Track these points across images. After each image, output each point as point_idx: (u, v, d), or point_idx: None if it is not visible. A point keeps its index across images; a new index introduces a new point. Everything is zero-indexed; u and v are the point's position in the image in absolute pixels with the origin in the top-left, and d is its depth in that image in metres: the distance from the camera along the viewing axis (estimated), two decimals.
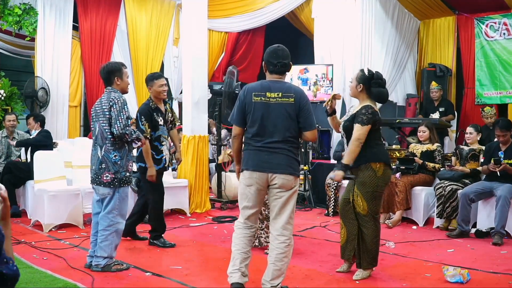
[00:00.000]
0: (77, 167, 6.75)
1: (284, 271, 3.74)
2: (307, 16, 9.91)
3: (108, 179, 4.42)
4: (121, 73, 4.57)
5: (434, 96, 8.80)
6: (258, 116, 3.70)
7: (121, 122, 4.36)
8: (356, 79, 4.37)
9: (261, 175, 3.70)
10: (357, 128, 4.18)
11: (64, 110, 9.42)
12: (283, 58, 3.75)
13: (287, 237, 3.72)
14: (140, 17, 10.24)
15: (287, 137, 3.69)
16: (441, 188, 6.42)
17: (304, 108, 3.69)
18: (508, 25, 8.90)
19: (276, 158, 3.67)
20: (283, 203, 3.71)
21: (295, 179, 3.72)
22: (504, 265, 4.77)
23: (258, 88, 3.74)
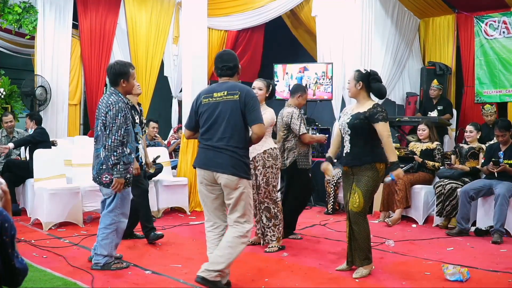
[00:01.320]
0: (77, 165, 6.75)
1: (226, 262, 3.73)
2: (306, 14, 9.89)
3: (107, 181, 4.42)
4: (128, 75, 4.50)
5: (433, 94, 8.79)
6: (206, 116, 3.86)
7: (112, 137, 4.30)
8: (354, 79, 4.43)
9: (208, 173, 3.82)
10: (383, 125, 4.26)
11: (64, 108, 9.41)
12: (228, 62, 3.94)
13: (236, 229, 3.80)
14: (140, 15, 10.23)
15: (233, 137, 3.76)
16: (440, 187, 6.42)
17: (249, 104, 3.77)
18: (508, 23, 8.90)
19: (220, 157, 3.76)
20: (233, 204, 3.81)
21: (240, 180, 3.75)
22: (503, 264, 4.78)
23: (207, 91, 3.97)
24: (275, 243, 5.25)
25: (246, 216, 3.84)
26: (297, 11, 10.22)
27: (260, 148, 5.17)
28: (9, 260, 1.96)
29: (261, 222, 5.34)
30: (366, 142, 4.31)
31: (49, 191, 6.10)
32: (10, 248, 1.96)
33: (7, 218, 1.95)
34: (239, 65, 4.02)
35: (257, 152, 5.18)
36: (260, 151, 5.18)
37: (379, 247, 5.43)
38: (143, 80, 10.01)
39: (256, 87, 5.29)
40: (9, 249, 1.95)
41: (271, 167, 5.20)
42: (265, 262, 4.85)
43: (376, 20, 8.99)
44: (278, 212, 5.27)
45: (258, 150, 5.18)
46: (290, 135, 5.71)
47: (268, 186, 5.19)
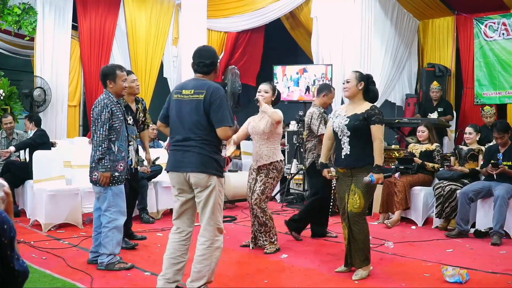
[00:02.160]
0: (76, 166, 6.75)
1: (206, 274, 3.62)
2: (306, 16, 9.90)
3: (96, 178, 4.50)
4: (115, 76, 4.61)
5: (434, 95, 8.80)
6: (173, 114, 3.73)
7: (96, 133, 4.45)
8: (356, 78, 4.44)
9: (178, 175, 3.67)
10: (378, 128, 4.29)
11: (63, 109, 9.42)
12: (205, 58, 3.76)
13: (206, 238, 3.63)
14: (140, 16, 10.23)
15: (199, 135, 3.60)
16: (440, 188, 6.42)
17: (214, 104, 3.57)
18: (507, 25, 8.91)
19: (188, 156, 3.61)
20: (203, 204, 3.64)
21: (209, 177, 3.58)
22: (503, 265, 4.78)
23: (179, 87, 3.82)
24: (269, 245, 5.25)
25: (215, 219, 3.64)
26: (296, 13, 10.23)
27: (267, 159, 5.20)
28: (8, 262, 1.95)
29: (255, 225, 5.35)
30: (367, 143, 4.32)
31: (48, 192, 6.10)
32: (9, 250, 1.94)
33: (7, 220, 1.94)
34: (218, 64, 3.84)
35: (264, 162, 5.21)
36: (267, 161, 5.21)
37: (378, 248, 5.42)
38: (143, 81, 10.01)
39: (262, 90, 5.31)
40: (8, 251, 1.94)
41: (272, 179, 5.24)
42: (265, 263, 4.85)
43: (376, 21, 9.01)
44: (267, 221, 5.27)
45: (265, 160, 5.21)
46: (310, 136, 5.76)
47: (262, 195, 5.20)
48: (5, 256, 1.92)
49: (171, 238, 3.78)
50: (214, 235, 3.64)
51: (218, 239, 3.67)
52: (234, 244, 5.52)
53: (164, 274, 3.72)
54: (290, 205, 8.18)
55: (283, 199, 8.42)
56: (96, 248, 4.65)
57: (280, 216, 6.82)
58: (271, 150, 5.22)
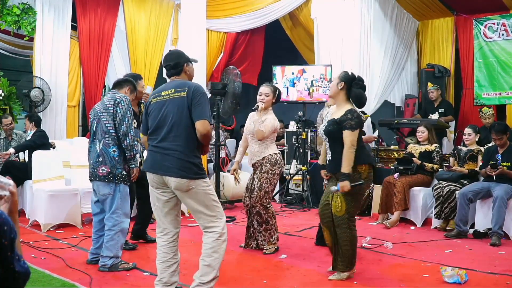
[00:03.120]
0: (76, 167, 6.75)
1: (216, 268, 3.59)
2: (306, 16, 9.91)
3: (104, 173, 4.46)
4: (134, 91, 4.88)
5: (432, 96, 8.81)
6: (154, 115, 3.69)
7: (126, 128, 4.52)
8: (338, 77, 4.38)
9: (158, 177, 3.63)
10: (348, 135, 4.16)
11: (63, 110, 9.40)
12: (169, 61, 3.78)
13: (215, 231, 3.61)
14: (139, 17, 10.22)
15: (178, 135, 3.55)
16: (439, 189, 6.43)
17: (195, 100, 3.55)
18: (507, 26, 8.91)
19: (167, 160, 3.56)
20: (191, 205, 3.61)
21: (190, 181, 3.54)
22: (502, 266, 4.78)
23: (156, 91, 3.81)
24: (268, 245, 5.25)
25: (213, 215, 3.62)
26: (296, 14, 10.23)
27: (260, 155, 5.20)
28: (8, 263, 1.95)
29: (252, 226, 5.34)
30: None
31: (47, 192, 6.10)
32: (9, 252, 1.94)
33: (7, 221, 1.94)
34: (185, 64, 3.78)
35: (256, 159, 5.21)
36: (259, 157, 5.20)
37: (377, 249, 5.43)
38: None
39: (263, 94, 5.29)
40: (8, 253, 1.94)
41: (266, 172, 5.20)
42: (263, 264, 4.85)
43: (375, 22, 9.01)
44: (269, 218, 5.26)
45: (258, 157, 5.21)
46: None
47: (260, 191, 5.19)
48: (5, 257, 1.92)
49: (159, 242, 3.75)
50: (222, 228, 3.63)
51: (225, 231, 3.66)
52: (233, 245, 5.52)
53: (160, 279, 3.71)
54: (289, 205, 8.19)
55: (282, 199, 8.43)
56: (97, 250, 4.64)
57: (279, 217, 6.81)
58: (263, 147, 5.20)
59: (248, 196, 5.31)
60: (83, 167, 6.36)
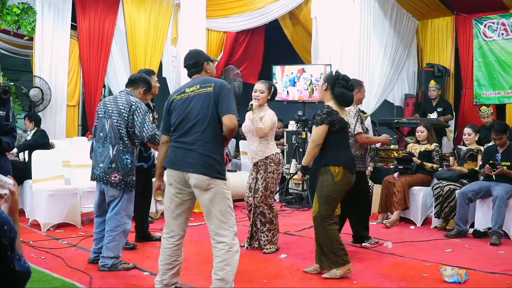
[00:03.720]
0: (75, 166, 6.75)
1: (230, 281, 3.42)
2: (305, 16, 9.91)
3: (116, 180, 4.44)
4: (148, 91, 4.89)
5: (432, 94, 8.81)
6: (178, 112, 3.61)
7: (149, 125, 4.46)
8: (322, 79, 4.45)
9: (178, 174, 3.54)
10: (314, 130, 4.27)
11: (62, 109, 9.41)
12: (189, 60, 3.76)
13: (225, 243, 3.44)
14: (139, 16, 10.23)
15: (205, 131, 3.48)
16: (439, 188, 6.43)
17: (222, 95, 3.50)
18: (507, 25, 8.91)
19: (190, 156, 3.48)
20: (207, 206, 3.48)
21: (211, 180, 3.43)
22: (502, 265, 4.78)
23: (178, 89, 3.77)
24: (269, 245, 5.25)
25: (227, 223, 3.48)
26: (296, 13, 10.23)
27: (262, 154, 5.18)
28: (8, 263, 1.95)
29: (255, 225, 5.33)
30: (325, 144, 4.26)
31: (47, 192, 6.10)
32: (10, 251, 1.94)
33: (7, 221, 1.94)
34: (205, 63, 3.74)
35: (259, 158, 5.19)
36: (262, 157, 5.19)
37: (377, 248, 5.43)
38: None
39: (258, 91, 5.26)
40: (8, 252, 1.94)
41: (272, 172, 5.20)
42: (263, 263, 4.85)
43: (375, 21, 9.01)
44: (273, 218, 5.26)
45: (260, 156, 5.19)
46: None
47: (266, 191, 5.19)
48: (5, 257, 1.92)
49: (164, 244, 3.70)
50: (232, 239, 3.47)
51: (236, 242, 3.49)
52: None
53: (161, 280, 3.67)
54: (289, 205, 8.19)
55: (282, 199, 8.44)
56: (99, 250, 4.62)
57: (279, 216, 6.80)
58: (264, 145, 5.19)
59: (252, 196, 5.28)
60: (83, 167, 6.36)
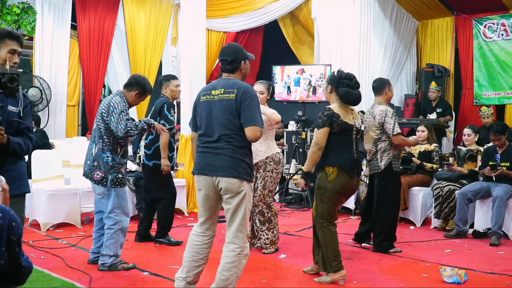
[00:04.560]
0: (75, 166, 6.74)
1: (233, 283, 3.42)
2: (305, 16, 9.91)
3: (98, 177, 4.47)
4: (143, 94, 4.75)
5: (432, 96, 8.82)
6: (203, 115, 3.56)
7: (121, 124, 4.39)
8: (326, 81, 4.37)
9: (207, 179, 3.48)
10: (315, 132, 4.24)
11: (62, 109, 9.42)
12: (227, 56, 3.59)
13: (237, 245, 3.43)
14: (139, 16, 10.24)
15: (230, 135, 3.41)
16: (438, 189, 6.43)
17: (245, 103, 3.39)
18: (507, 26, 8.92)
19: (219, 159, 3.42)
20: (233, 210, 3.44)
21: (241, 182, 3.40)
22: (501, 266, 4.78)
23: (207, 88, 3.67)
24: (270, 245, 5.25)
25: (246, 226, 3.48)
26: (296, 13, 10.24)
27: (263, 155, 5.19)
28: (16, 258, 2.01)
29: (255, 225, 5.34)
30: (328, 146, 4.24)
31: (47, 192, 6.10)
32: (17, 247, 2.00)
33: (15, 218, 1.99)
34: (242, 62, 3.63)
35: (259, 159, 5.20)
36: (262, 157, 5.19)
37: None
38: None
39: (258, 91, 5.27)
40: (16, 248, 1.99)
41: (271, 171, 5.20)
42: (263, 263, 4.84)
43: (375, 21, 9.02)
44: (272, 217, 5.26)
45: (260, 156, 5.20)
46: (384, 136, 5.26)
47: (264, 190, 5.19)
48: (13, 252, 1.98)
49: (194, 241, 3.61)
50: (245, 242, 3.46)
51: (247, 246, 3.49)
52: None
53: (185, 277, 3.56)
54: (289, 205, 8.19)
55: (282, 199, 8.44)
56: (98, 249, 4.62)
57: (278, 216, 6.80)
58: (265, 145, 5.20)
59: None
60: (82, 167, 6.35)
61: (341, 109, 4.27)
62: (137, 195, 6.67)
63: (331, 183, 4.18)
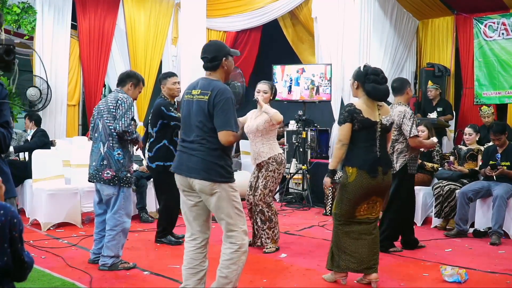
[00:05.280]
0: (76, 166, 6.75)
1: (233, 280, 3.39)
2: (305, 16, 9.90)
3: (109, 177, 4.44)
4: (138, 82, 4.75)
5: (431, 95, 8.82)
6: (183, 115, 3.55)
7: (126, 121, 4.43)
8: (352, 77, 4.25)
9: (183, 178, 3.47)
10: (338, 129, 4.14)
11: (63, 109, 9.41)
12: (208, 53, 3.51)
13: (233, 242, 3.41)
14: (139, 16, 10.23)
15: (204, 137, 3.36)
16: (439, 188, 6.43)
17: (218, 106, 3.32)
18: (507, 25, 8.90)
19: (192, 161, 3.38)
20: (215, 210, 3.42)
21: (213, 185, 3.34)
22: (501, 265, 4.79)
23: (190, 86, 3.60)
24: (271, 244, 5.25)
25: (235, 225, 3.41)
26: (296, 13, 10.23)
27: (265, 155, 5.20)
28: (19, 255, 2.03)
29: (256, 224, 5.35)
30: (351, 144, 4.13)
31: (47, 191, 6.10)
32: (19, 243, 2.02)
33: (16, 214, 2.01)
34: (224, 59, 3.51)
35: (262, 159, 5.21)
36: (265, 158, 5.20)
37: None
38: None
39: (262, 91, 5.29)
40: (18, 244, 2.01)
41: (273, 171, 5.21)
42: (263, 263, 4.85)
43: (375, 21, 9.01)
44: (272, 216, 5.26)
45: (263, 157, 5.21)
46: (401, 137, 5.18)
47: (265, 190, 5.19)
48: (16, 249, 2.00)
49: (186, 247, 3.57)
50: (241, 239, 3.41)
51: (245, 242, 3.44)
52: None
53: (184, 286, 3.52)
54: (289, 204, 8.19)
55: (282, 198, 8.44)
56: (99, 250, 4.62)
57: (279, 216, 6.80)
58: (268, 146, 5.21)
59: (252, 194, 5.31)
60: (83, 166, 6.34)
61: (366, 105, 4.11)
62: (137, 194, 6.68)
63: (351, 184, 4.05)
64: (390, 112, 4.29)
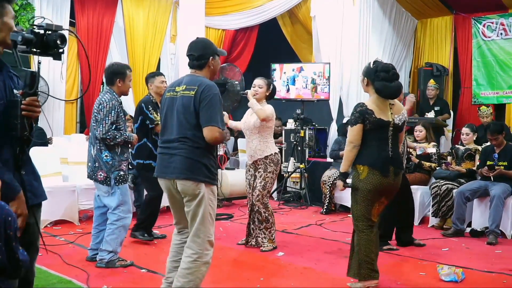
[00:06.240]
0: (73, 163, 6.74)
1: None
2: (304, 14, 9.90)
3: (102, 178, 4.49)
4: (125, 76, 4.66)
5: (430, 94, 8.83)
6: (164, 113, 3.42)
7: (104, 127, 4.43)
8: (362, 73, 4.14)
9: (165, 182, 3.36)
10: (348, 130, 4.00)
11: (61, 106, 9.40)
12: (195, 51, 3.41)
13: (193, 251, 3.25)
14: (137, 14, 10.21)
15: (187, 136, 3.24)
16: (436, 187, 6.43)
17: (204, 101, 3.22)
18: (505, 25, 8.91)
19: (174, 161, 3.26)
20: (192, 214, 3.27)
21: (198, 185, 3.22)
22: (498, 264, 4.79)
23: (172, 84, 3.51)
24: (268, 243, 5.25)
25: (205, 231, 3.27)
26: (295, 12, 10.23)
27: (261, 153, 5.19)
28: (14, 253, 2.03)
29: (253, 223, 5.35)
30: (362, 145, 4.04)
31: (45, 189, 6.07)
32: (14, 242, 2.02)
33: (10, 212, 2.01)
34: (211, 58, 3.42)
35: (258, 157, 5.21)
36: (261, 156, 5.20)
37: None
38: (140, 78, 9.97)
39: (257, 85, 5.30)
40: (13, 243, 2.01)
41: (271, 173, 5.22)
42: (261, 262, 4.85)
43: (374, 20, 9.02)
44: (269, 216, 5.26)
45: (259, 155, 5.20)
46: None
47: (263, 191, 5.20)
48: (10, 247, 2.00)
49: (173, 240, 3.53)
50: (203, 248, 3.26)
51: (207, 253, 3.28)
52: (231, 242, 5.52)
53: (167, 278, 3.50)
54: (287, 203, 8.19)
55: (280, 197, 8.44)
56: (97, 246, 4.63)
57: (277, 215, 6.81)
58: (264, 144, 5.20)
59: (251, 194, 5.32)
60: (80, 164, 6.35)
61: (377, 104, 3.98)
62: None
63: (363, 181, 3.93)
64: (403, 110, 4.18)
